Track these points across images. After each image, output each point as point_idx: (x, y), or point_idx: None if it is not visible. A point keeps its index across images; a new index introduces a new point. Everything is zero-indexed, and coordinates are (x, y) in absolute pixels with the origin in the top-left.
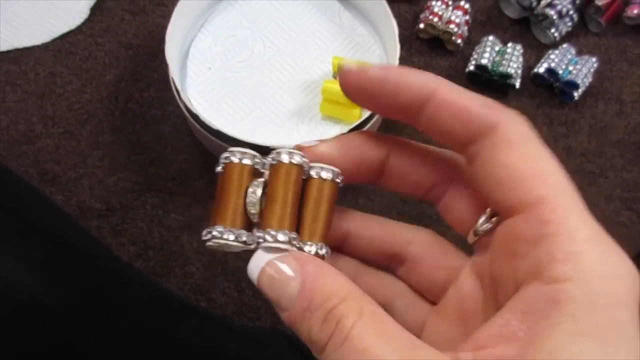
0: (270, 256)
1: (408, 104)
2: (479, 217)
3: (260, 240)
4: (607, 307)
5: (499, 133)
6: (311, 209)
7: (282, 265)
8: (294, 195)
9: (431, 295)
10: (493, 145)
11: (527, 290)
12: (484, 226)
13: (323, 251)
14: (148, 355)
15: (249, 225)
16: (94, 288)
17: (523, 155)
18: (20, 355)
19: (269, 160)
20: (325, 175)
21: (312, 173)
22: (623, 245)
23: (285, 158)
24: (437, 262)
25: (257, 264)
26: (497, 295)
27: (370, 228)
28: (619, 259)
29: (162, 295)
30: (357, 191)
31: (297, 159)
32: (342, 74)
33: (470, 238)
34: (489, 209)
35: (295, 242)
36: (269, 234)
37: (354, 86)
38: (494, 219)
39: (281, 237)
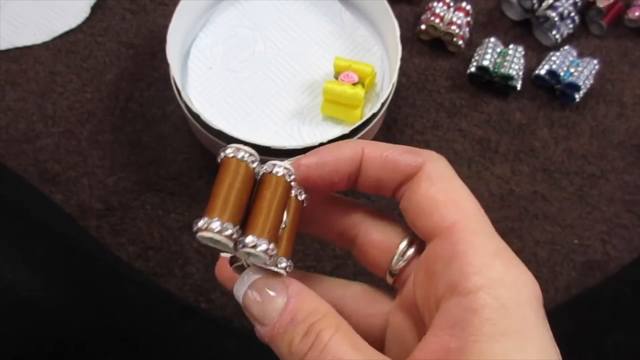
0: (256, 276)
1: (348, 170)
2: (391, 256)
3: (242, 244)
4: (517, 309)
5: (422, 172)
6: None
7: (268, 284)
8: (278, 207)
9: (376, 344)
10: (416, 182)
11: (448, 305)
12: (409, 252)
13: (291, 266)
14: (148, 356)
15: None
16: (93, 288)
17: (440, 188)
18: (19, 355)
19: (263, 168)
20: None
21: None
22: (624, 248)
23: (277, 171)
24: (368, 310)
25: (244, 283)
26: (424, 318)
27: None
28: (520, 268)
29: (161, 295)
30: (358, 194)
31: (283, 172)
32: (299, 170)
33: (388, 279)
34: (402, 245)
35: (273, 256)
36: (250, 239)
37: (304, 179)
38: (408, 252)
39: (262, 245)
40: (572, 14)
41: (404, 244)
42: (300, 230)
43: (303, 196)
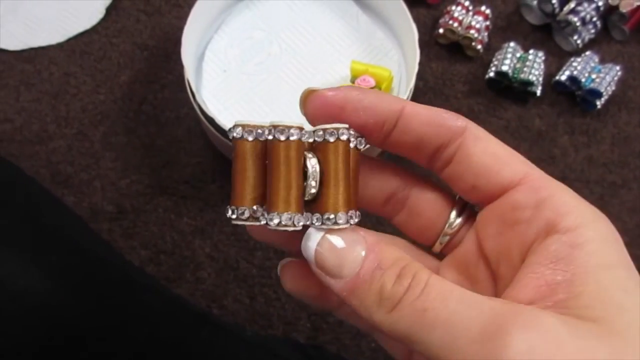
0: (323, 231)
1: (386, 115)
2: (447, 217)
3: (320, 222)
4: (613, 243)
5: (468, 133)
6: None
7: (343, 234)
8: (345, 173)
9: None
10: (468, 141)
11: (545, 244)
12: (457, 221)
13: (359, 215)
14: None
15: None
16: (105, 295)
17: (497, 145)
18: None
19: (315, 137)
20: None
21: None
22: None
23: (342, 136)
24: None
25: (313, 239)
26: (498, 270)
27: None
28: (597, 209)
29: (174, 302)
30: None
31: (344, 137)
32: (317, 96)
33: (437, 246)
34: (454, 211)
35: (351, 221)
36: (332, 215)
37: (334, 105)
38: (459, 218)
39: (341, 219)
40: (594, 19)
41: (454, 211)
42: None
43: (362, 145)
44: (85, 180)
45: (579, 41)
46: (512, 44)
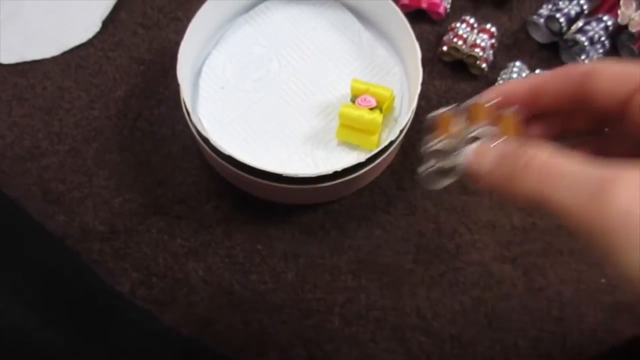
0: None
1: (578, 79)
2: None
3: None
4: None
5: None
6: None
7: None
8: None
9: None
10: None
11: None
12: None
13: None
14: None
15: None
16: (93, 331)
17: None
18: None
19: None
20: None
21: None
22: None
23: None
24: None
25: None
26: None
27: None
28: None
29: (163, 337)
30: (372, 221)
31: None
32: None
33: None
34: None
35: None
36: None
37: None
38: None
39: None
40: (603, 39)
41: None
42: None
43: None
44: (77, 199)
45: (586, 61)
46: (517, 63)
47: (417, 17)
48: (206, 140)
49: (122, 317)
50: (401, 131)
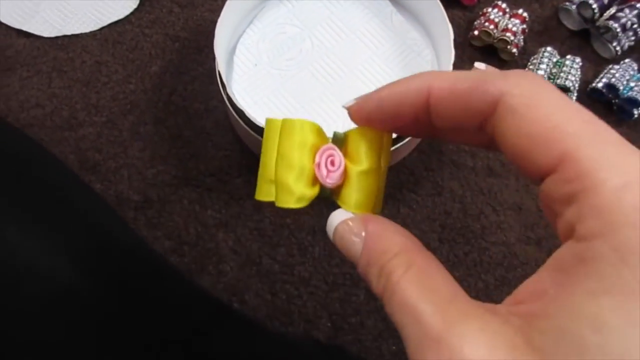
0: (342, 216)
1: (413, 111)
2: None
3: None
4: (630, 268)
5: (503, 105)
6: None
7: (349, 225)
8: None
9: None
10: (502, 118)
11: (562, 248)
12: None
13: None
14: (182, 355)
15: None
16: (132, 282)
17: (533, 118)
18: (57, 342)
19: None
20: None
21: None
22: None
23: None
24: None
25: (331, 224)
26: None
27: None
28: None
29: (198, 294)
30: (398, 200)
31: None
32: (349, 112)
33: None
34: None
35: None
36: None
37: (362, 118)
38: None
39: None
40: (635, 26)
41: None
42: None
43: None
44: (113, 169)
45: (618, 48)
46: (548, 48)
47: (448, 2)
48: (240, 113)
49: (163, 272)
50: None
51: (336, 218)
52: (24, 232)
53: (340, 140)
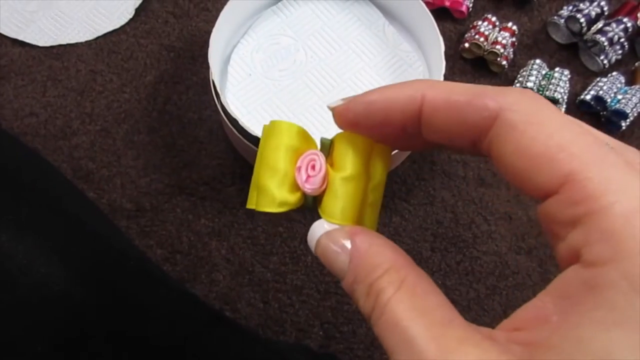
0: (326, 227)
1: (402, 119)
2: None
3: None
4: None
5: (503, 120)
6: None
7: (334, 238)
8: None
9: None
10: (500, 134)
11: (566, 273)
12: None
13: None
14: None
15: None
16: (125, 288)
17: (535, 136)
18: (48, 347)
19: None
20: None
21: None
22: None
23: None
24: None
25: (313, 236)
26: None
27: None
28: None
29: (190, 301)
30: (390, 209)
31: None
32: (333, 114)
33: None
34: None
35: None
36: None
37: (347, 121)
38: None
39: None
40: (622, 40)
41: None
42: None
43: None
44: (106, 177)
45: (605, 61)
46: (537, 61)
47: (439, 15)
48: (234, 122)
49: (155, 279)
50: None
51: (318, 229)
52: (17, 237)
53: (326, 147)
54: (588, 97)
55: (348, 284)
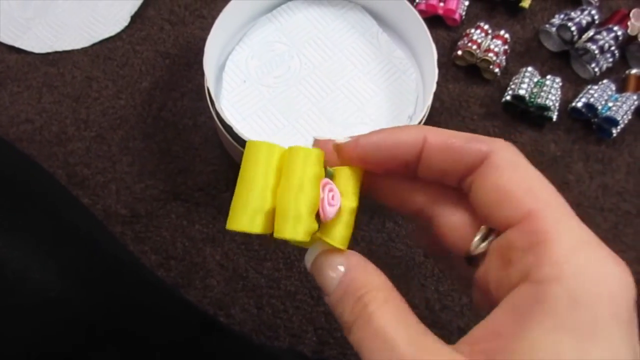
0: (319, 249)
1: (406, 157)
2: (472, 239)
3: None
4: (589, 306)
5: (489, 161)
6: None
7: (330, 257)
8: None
9: None
10: (484, 172)
11: (517, 290)
12: (480, 247)
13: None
14: None
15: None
16: (118, 293)
17: (511, 177)
18: (44, 353)
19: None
20: None
21: None
22: None
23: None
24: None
25: (311, 255)
26: (496, 300)
27: None
28: (607, 261)
29: (185, 306)
30: (384, 215)
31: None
32: (339, 149)
33: (465, 261)
34: (481, 230)
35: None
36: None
37: (356, 156)
38: (487, 240)
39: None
40: (613, 48)
41: (481, 232)
42: (378, 201)
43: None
44: (101, 183)
45: (596, 69)
46: (529, 68)
47: (433, 23)
48: (228, 129)
49: (150, 285)
50: None
51: (315, 249)
52: (13, 243)
53: (330, 176)
54: (579, 105)
55: (336, 296)
